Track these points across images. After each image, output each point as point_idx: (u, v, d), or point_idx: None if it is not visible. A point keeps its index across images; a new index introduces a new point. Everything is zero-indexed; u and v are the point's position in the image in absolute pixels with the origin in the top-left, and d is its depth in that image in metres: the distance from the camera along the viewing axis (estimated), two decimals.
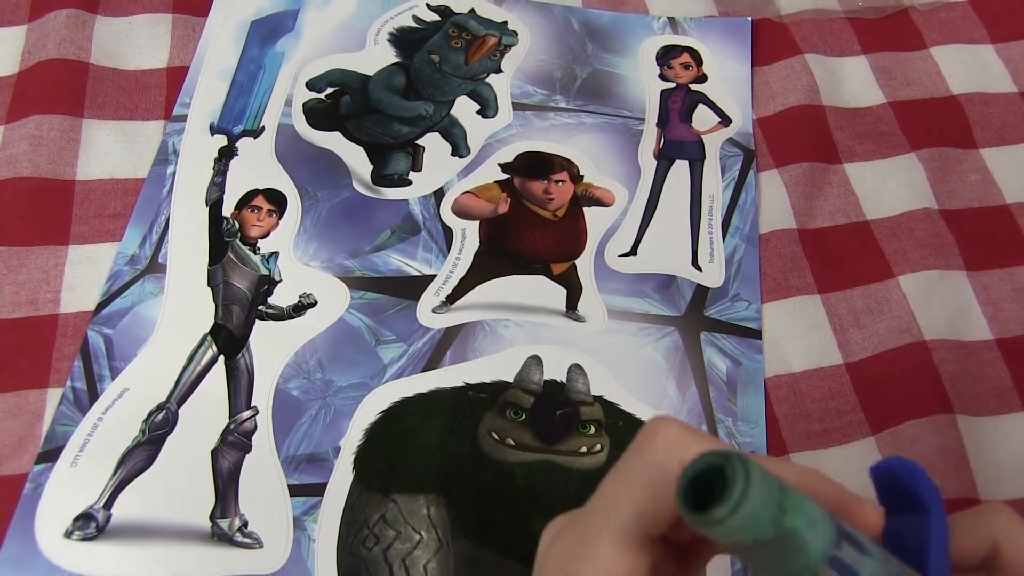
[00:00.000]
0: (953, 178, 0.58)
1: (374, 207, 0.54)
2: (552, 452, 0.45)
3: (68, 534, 0.42)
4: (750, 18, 0.64)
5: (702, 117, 0.59)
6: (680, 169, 0.57)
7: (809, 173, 0.57)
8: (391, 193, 0.55)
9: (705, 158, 0.57)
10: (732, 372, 0.49)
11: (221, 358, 0.48)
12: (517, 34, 0.62)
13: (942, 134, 0.59)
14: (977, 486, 0.46)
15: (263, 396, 0.47)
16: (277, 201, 0.53)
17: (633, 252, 0.53)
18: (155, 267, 0.50)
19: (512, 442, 0.45)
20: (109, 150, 0.54)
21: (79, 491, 0.43)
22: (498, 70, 0.60)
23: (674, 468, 0.23)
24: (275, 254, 0.51)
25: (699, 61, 0.62)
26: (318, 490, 0.44)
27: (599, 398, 0.47)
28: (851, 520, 0.24)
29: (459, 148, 0.57)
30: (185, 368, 0.47)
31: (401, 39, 0.61)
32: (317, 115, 0.57)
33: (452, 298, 0.51)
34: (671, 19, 0.64)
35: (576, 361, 0.49)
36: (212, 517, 0.43)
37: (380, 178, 0.55)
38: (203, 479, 0.44)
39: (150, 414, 0.46)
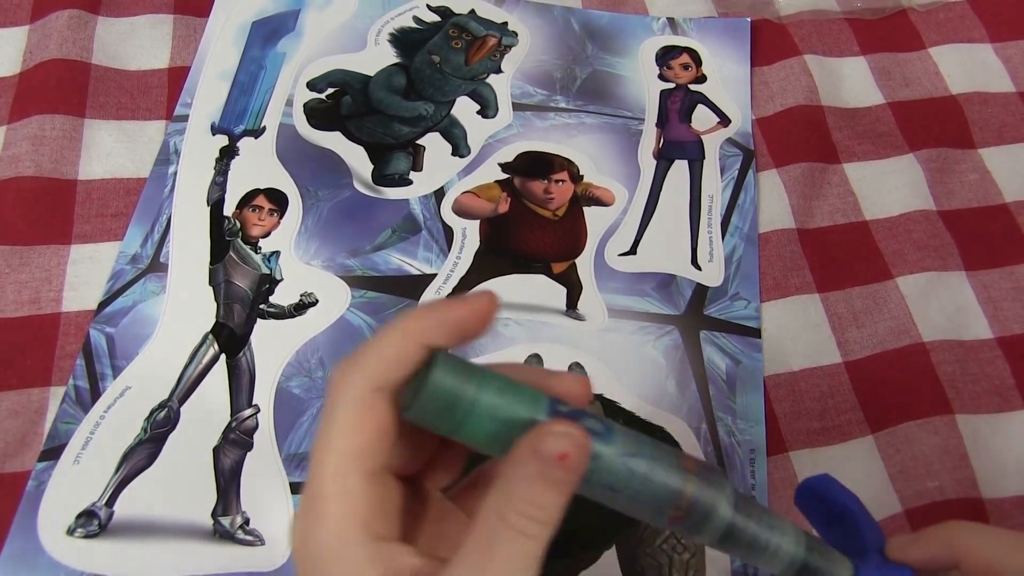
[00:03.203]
0: (952, 178, 0.58)
1: (375, 207, 0.54)
2: None
3: (71, 531, 0.42)
4: (749, 19, 0.64)
5: (701, 117, 0.59)
6: (679, 169, 0.57)
7: (808, 173, 0.57)
8: (392, 193, 0.55)
9: (704, 158, 0.57)
10: (732, 371, 0.49)
11: (223, 357, 0.48)
12: (517, 35, 0.62)
13: (941, 134, 0.60)
14: (979, 484, 0.46)
15: (264, 394, 0.47)
16: (278, 200, 0.54)
17: (633, 251, 0.53)
18: (157, 266, 0.50)
19: None
20: (111, 150, 0.55)
21: (81, 489, 0.43)
22: (498, 70, 0.60)
23: (367, 395, 0.23)
24: (276, 253, 0.52)
25: (698, 62, 0.62)
26: None
27: (599, 396, 0.48)
28: (553, 391, 0.25)
29: (459, 148, 0.57)
30: (187, 366, 0.47)
31: (401, 39, 0.61)
32: (318, 115, 0.58)
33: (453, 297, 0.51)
34: (670, 20, 0.64)
35: (576, 359, 0.49)
36: (214, 515, 0.44)
37: (381, 178, 0.55)
38: (205, 477, 0.44)
39: (152, 412, 0.46)
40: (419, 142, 0.57)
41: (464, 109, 0.59)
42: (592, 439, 0.23)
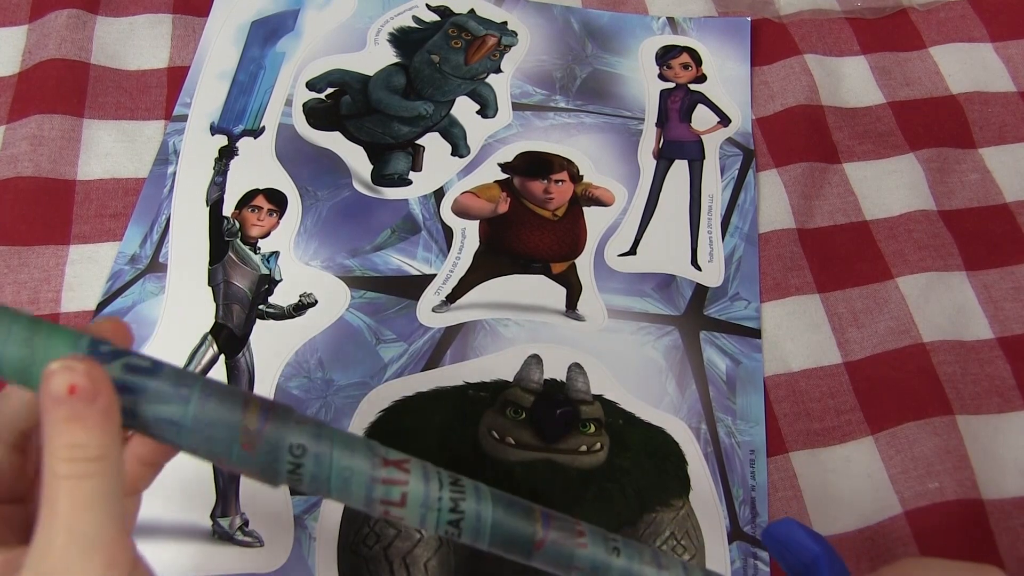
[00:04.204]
0: (952, 178, 0.58)
1: (374, 207, 0.54)
2: (552, 451, 0.45)
3: None
4: (749, 18, 0.64)
5: (701, 117, 0.59)
6: (679, 169, 0.57)
7: (808, 173, 0.57)
8: (391, 193, 0.55)
9: (704, 158, 0.57)
10: (731, 371, 0.49)
11: (222, 357, 0.48)
12: (517, 34, 0.62)
13: (941, 134, 0.60)
14: (979, 485, 0.46)
15: (264, 395, 0.47)
16: (277, 201, 0.54)
17: (632, 251, 0.53)
18: (156, 266, 0.50)
19: (512, 441, 0.45)
20: (110, 150, 0.55)
21: None
22: (498, 70, 0.60)
23: None
24: (275, 253, 0.52)
25: (698, 61, 0.62)
26: None
27: (599, 397, 0.48)
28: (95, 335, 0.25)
29: (459, 148, 0.57)
30: (186, 367, 0.47)
31: (401, 39, 0.61)
32: (317, 115, 0.58)
33: (452, 297, 0.51)
34: (670, 19, 0.64)
35: (576, 360, 0.49)
36: (213, 516, 0.43)
37: (380, 178, 0.55)
38: (204, 478, 0.44)
39: None
40: (418, 142, 0.57)
41: (464, 109, 0.59)
42: (131, 372, 0.24)
